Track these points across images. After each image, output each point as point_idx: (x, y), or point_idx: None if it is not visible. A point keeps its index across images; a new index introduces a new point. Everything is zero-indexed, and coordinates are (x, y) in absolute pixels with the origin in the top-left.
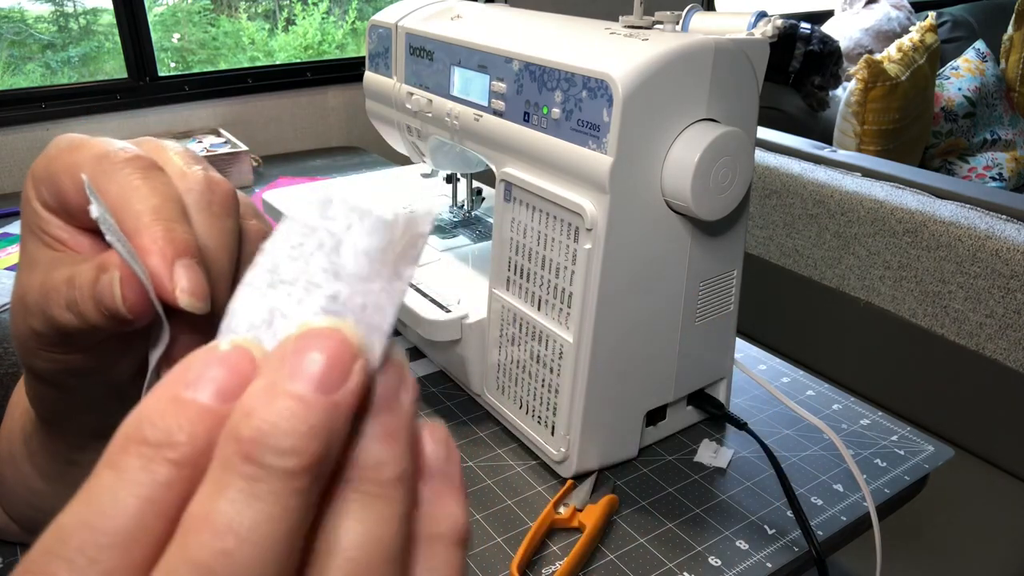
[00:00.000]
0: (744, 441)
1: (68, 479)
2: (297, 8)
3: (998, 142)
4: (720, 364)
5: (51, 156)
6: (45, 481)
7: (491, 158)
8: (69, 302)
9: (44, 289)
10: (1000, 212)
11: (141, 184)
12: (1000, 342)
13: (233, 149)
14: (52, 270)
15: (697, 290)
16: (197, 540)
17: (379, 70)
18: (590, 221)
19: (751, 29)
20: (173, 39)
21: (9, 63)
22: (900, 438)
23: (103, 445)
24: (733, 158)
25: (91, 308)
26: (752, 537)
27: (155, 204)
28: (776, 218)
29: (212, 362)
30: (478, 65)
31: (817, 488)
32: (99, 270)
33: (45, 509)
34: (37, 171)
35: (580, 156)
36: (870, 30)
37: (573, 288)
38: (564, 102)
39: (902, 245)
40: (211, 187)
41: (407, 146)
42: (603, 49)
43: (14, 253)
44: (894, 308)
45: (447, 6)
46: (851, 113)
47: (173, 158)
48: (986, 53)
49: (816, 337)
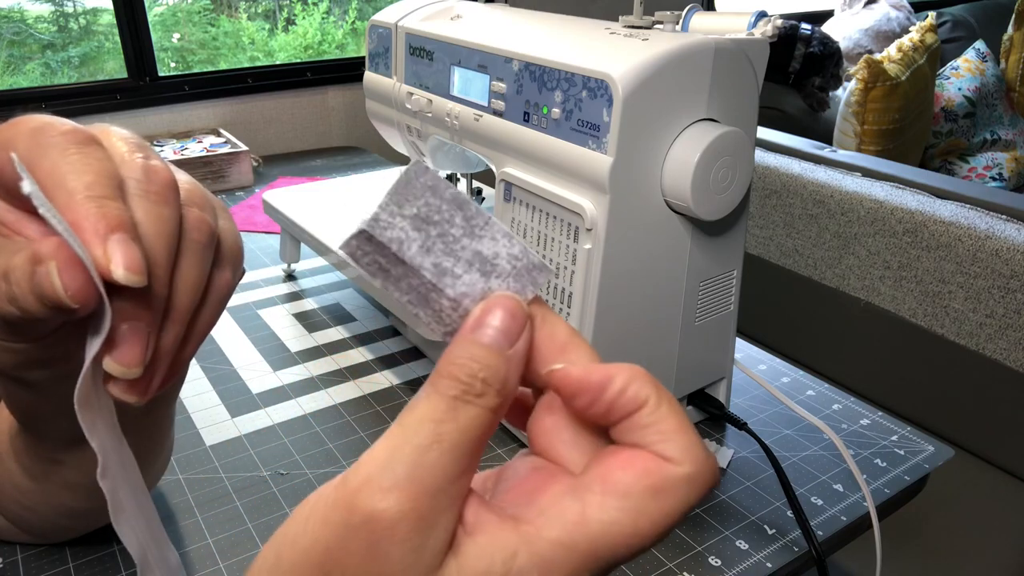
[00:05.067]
0: (744, 441)
1: (54, 478)
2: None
3: (998, 142)
4: (720, 364)
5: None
6: (30, 479)
7: (491, 158)
8: (9, 297)
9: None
10: (1000, 212)
11: (76, 159)
12: (1000, 342)
13: (233, 149)
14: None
15: (697, 290)
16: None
17: (379, 70)
18: (590, 221)
19: (751, 29)
20: (173, 39)
21: (9, 63)
22: (900, 438)
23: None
24: (733, 158)
25: (32, 301)
26: (752, 537)
27: (89, 180)
28: (776, 218)
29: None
30: (478, 65)
31: (817, 488)
32: (33, 262)
33: (32, 507)
34: None
35: (580, 156)
36: (870, 30)
37: (573, 288)
38: (564, 102)
39: (902, 245)
40: (149, 174)
41: (407, 146)
42: (603, 49)
43: None
44: (894, 308)
45: (447, 6)
46: (851, 113)
47: (116, 143)
48: (986, 53)
49: (816, 337)
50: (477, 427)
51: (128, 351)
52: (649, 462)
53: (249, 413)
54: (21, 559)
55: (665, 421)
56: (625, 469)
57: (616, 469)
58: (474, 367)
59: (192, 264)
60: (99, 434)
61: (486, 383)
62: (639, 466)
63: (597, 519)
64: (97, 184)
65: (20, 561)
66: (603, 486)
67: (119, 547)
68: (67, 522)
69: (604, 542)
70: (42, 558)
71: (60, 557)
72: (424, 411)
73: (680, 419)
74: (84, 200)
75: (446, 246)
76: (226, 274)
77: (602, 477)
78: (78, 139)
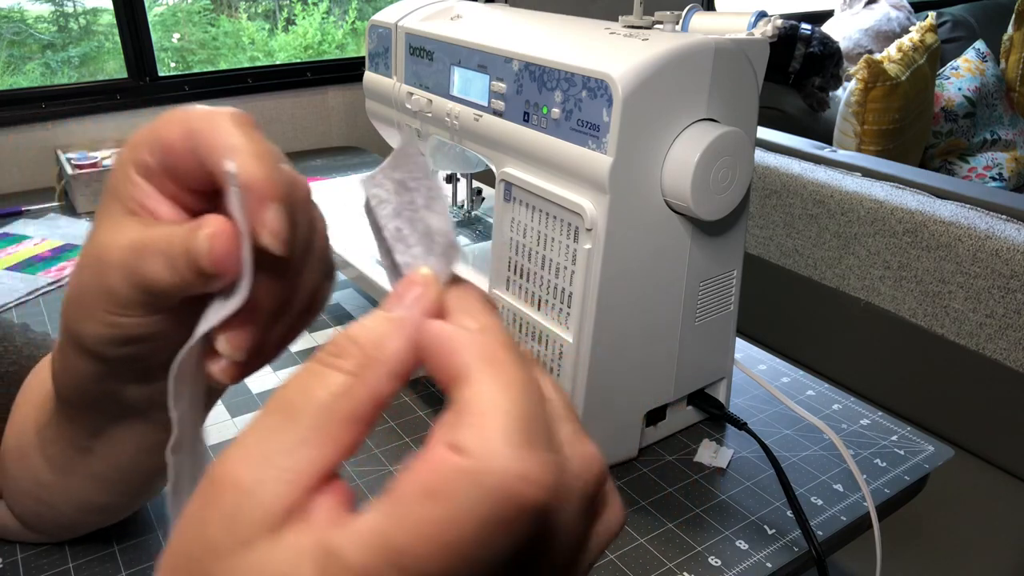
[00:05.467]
0: (744, 441)
1: (80, 469)
2: (297, 8)
3: (998, 142)
4: (720, 364)
5: (157, 123)
6: (54, 472)
7: (491, 158)
8: (167, 257)
9: (137, 247)
10: (1000, 212)
11: (250, 135)
12: (1000, 342)
13: None
14: (147, 230)
15: (697, 290)
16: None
17: (379, 70)
18: (590, 221)
19: (751, 29)
20: (173, 39)
21: (9, 63)
22: (900, 438)
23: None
24: (733, 158)
25: (183, 263)
26: (752, 537)
27: (260, 150)
28: (776, 218)
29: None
30: (478, 65)
31: (817, 488)
32: (194, 228)
33: (51, 502)
34: (142, 136)
35: (580, 156)
36: (870, 30)
37: (573, 288)
38: (564, 102)
39: (902, 245)
40: (295, 178)
41: None
42: (603, 49)
43: (15, 253)
44: (894, 308)
45: (447, 6)
46: (851, 113)
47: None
48: (986, 53)
49: (816, 337)
50: (328, 394)
51: (243, 334)
52: (436, 456)
53: (249, 413)
54: (21, 559)
55: (477, 400)
56: (412, 467)
57: (409, 467)
58: (351, 333)
59: (314, 269)
60: (182, 407)
61: (350, 348)
62: (425, 462)
63: (368, 529)
64: (267, 155)
65: (20, 561)
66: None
67: (119, 547)
68: (82, 517)
69: (374, 561)
70: (42, 558)
71: (60, 557)
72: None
73: (504, 400)
74: (256, 164)
75: (410, 214)
76: (330, 284)
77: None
78: (246, 120)
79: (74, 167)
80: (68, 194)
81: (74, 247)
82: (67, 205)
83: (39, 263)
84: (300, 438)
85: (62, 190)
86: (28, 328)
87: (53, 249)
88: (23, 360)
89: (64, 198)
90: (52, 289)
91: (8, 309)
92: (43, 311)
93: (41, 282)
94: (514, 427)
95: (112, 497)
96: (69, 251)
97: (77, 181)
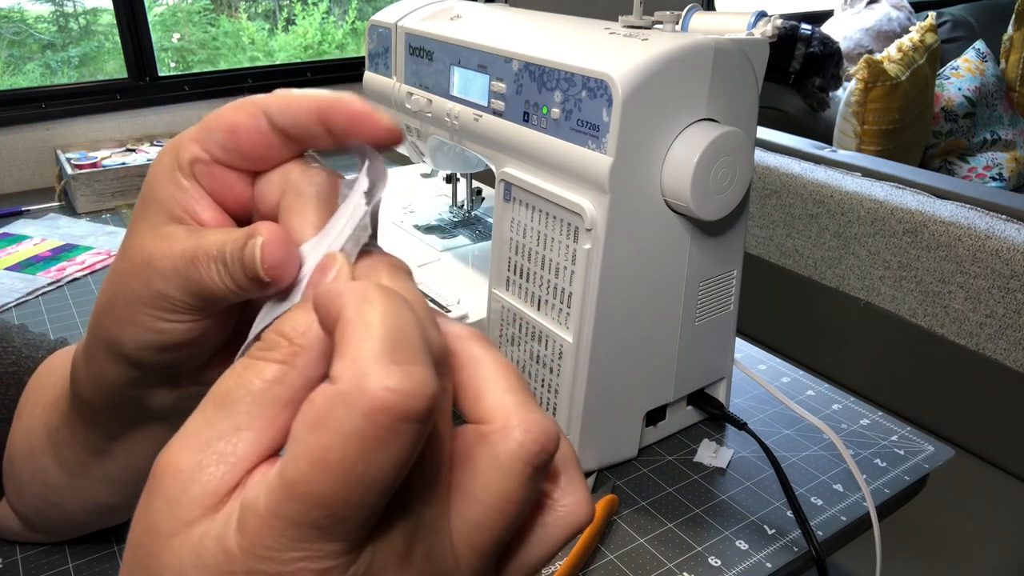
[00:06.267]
0: (744, 441)
1: (92, 471)
2: (297, 8)
3: (998, 142)
4: (720, 364)
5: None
6: (65, 474)
7: (491, 158)
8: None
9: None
10: (1000, 212)
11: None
12: (1000, 342)
13: None
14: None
15: (697, 290)
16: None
17: (379, 70)
18: (590, 221)
19: (751, 29)
20: (173, 39)
21: (9, 63)
22: (900, 438)
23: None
24: (733, 158)
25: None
26: (752, 537)
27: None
28: (776, 218)
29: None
30: (478, 65)
31: (817, 488)
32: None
33: (59, 503)
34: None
35: (580, 156)
36: (870, 30)
37: (573, 288)
38: (564, 102)
39: (902, 245)
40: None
41: (407, 146)
42: (603, 49)
43: (14, 253)
44: (894, 308)
45: (447, 6)
46: (851, 113)
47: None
48: (986, 53)
49: (816, 337)
50: (262, 382)
51: None
52: (316, 391)
53: None
54: (21, 559)
55: (346, 332)
56: (301, 409)
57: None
58: (277, 328)
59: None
60: None
61: (278, 341)
62: (308, 400)
63: (273, 474)
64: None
65: (20, 561)
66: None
67: (119, 547)
68: (89, 519)
69: (276, 499)
70: (42, 558)
71: (60, 557)
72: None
73: (371, 327)
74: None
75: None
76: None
77: None
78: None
79: (74, 167)
80: (68, 194)
81: (74, 247)
82: (67, 205)
83: (39, 263)
84: (237, 424)
85: (62, 190)
86: (26, 329)
87: (53, 249)
88: (22, 360)
89: (64, 198)
90: (52, 289)
91: (8, 309)
92: (43, 311)
93: (41, 282)
94: (380, 348)
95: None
96: (69, 251)
97: (77, 181)
